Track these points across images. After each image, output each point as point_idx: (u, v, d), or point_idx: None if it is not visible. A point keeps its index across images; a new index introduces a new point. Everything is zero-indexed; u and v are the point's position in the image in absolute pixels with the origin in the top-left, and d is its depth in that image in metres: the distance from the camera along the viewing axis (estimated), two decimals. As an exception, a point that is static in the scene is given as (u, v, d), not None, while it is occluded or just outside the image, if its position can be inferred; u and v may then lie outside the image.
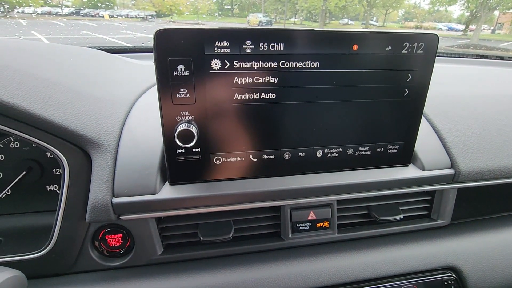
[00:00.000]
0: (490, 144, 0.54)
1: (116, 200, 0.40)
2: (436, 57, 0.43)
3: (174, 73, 0.36)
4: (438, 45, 0.42)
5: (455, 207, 0.56)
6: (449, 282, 0.49)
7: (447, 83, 0.70)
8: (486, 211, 0.62)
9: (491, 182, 0.53)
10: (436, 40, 0.42)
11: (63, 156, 0.40)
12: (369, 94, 0.43)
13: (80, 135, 0.40)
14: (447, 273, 0.50)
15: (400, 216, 0.52)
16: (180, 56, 0.35)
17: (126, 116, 0.47)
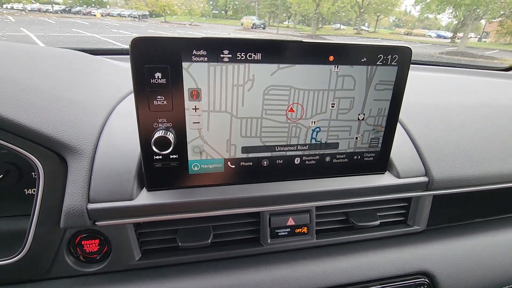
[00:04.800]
0: (464, 153, 0.56)
1: (91, 206, 0.39)
2: (418, 65, 0.45)
3: (151, 81, 0.36)
4: (411, 58, 0.44)
5: (430, 213, 0.58)
6: (422, 287, 0.51)
7: (425, 92, 0.73)
8: (460, 217, 0.64)
9: (464, 189, 0.55)
10: (409, 53, 0.43)
11: (38, 162, 0.39)
12: (345, 103, 0.44)
13: (55, 140, 0.40)
14: (420, 278, 0.51)
15: (377, 222, 0.53)
16: (157, 64, 0.36)
17: (105, 121, 0.47)
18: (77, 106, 0.46)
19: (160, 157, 0.40)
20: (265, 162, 0.45)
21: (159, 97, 0.37)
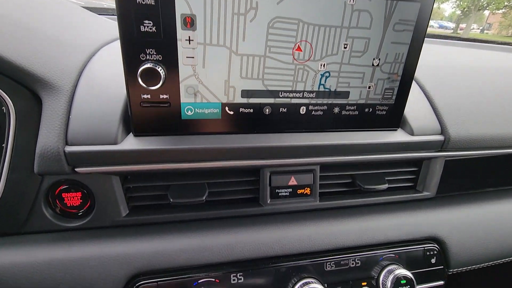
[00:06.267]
0: (482, 113, 0.52)
1: (69, 148, 0.35)
2: (433, 38, 0.40)
3: (137, 0, 0.31)
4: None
5: (440, 182, 0.54)
6: (431, 253, 0.47)
7: (441, 56, 0.68)
8: (471, 186, 0.60)
9: (479, 152, 0.51)
10: None
11: (8, 98, 0.34)
12: (359, 44, 0.39)
13: (27, 71, 0.34)
14: (430, 244, 0.48)
15: (385, 186, 0.49)
16: (144, -21, 0.30)
17: (88, 60, 0.42)
18: (57, 43, 0.40)
19: (149, 96, 0.35)
20: (267, 110, 0.40)
21: (146, 21, 0.32)
